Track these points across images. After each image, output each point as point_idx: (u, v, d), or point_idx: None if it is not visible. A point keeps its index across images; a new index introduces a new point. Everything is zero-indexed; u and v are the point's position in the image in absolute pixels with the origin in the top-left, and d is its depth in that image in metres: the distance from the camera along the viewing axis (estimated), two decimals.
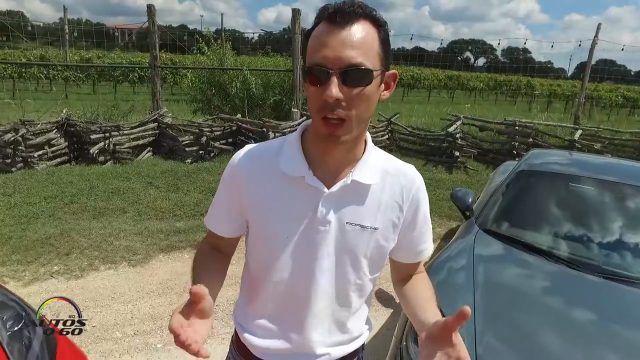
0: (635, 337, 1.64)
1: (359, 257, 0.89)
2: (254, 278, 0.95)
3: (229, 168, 0.92)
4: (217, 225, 0.96)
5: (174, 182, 5.17)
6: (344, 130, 0.77)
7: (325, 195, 0.85)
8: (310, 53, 0.77)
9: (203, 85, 7.59)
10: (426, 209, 0.96)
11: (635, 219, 2.30)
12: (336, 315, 0.94)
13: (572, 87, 24.77)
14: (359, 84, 0.75)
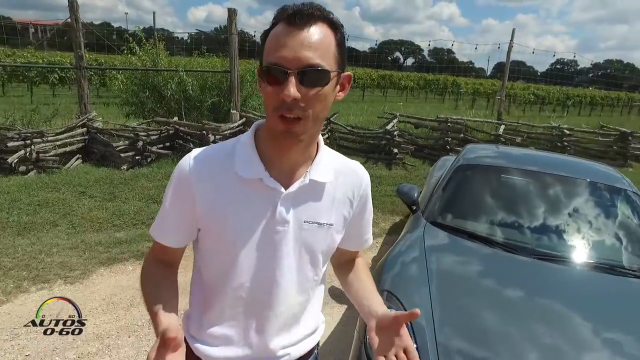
0: (560, 308, 1.83)
1: (316, 253, 0.92)
2: (210, 286, 0.92)
3: (177, 175, 0.88)
4: (167, 236, 0.92)
5: (110, 191, 4.85)
6: (300, 128, 0.78)
7: (284, 196, 0.86)
8: (268, 53, 0.77)
9: (136, 87, 7.19)
10: (371, 202, 1.04)
11: (560, 204, 2.56)
12: (296, 313, 0.95)
13: (492, 86, 26.84)
14: (317, 84, 0.76)
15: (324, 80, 0.77)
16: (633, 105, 28.90)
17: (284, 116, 0.77)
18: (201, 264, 0.94)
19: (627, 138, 8.99)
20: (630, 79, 38.97)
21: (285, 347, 0.96)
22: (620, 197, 2.65)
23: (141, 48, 7.52)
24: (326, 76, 0.77)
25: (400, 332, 0.86)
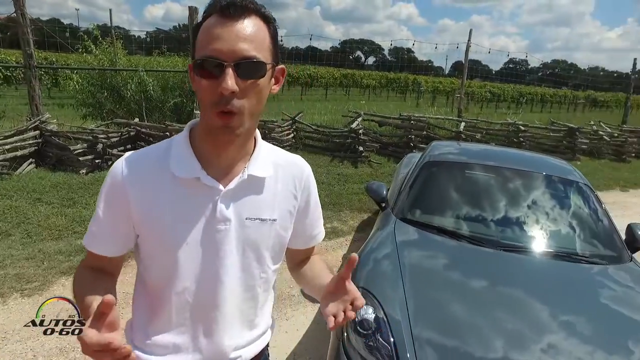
0: (522, 296, 1.95)
1: (261, 250, 0.90)
2: (153, 293, 0.89)
3: (109, 180, 0.84)
4: (103, 246, 0.87)
5: (69, 196, 4.62)
6: (237, 122, 0.77)
7: (223, 193, 0.84)
8: (201, 46, 0.76)
9: (93, 87, 6.87)
10: (316, 194, 1.02)
11: (520, 198, 2.71)
12: (245, 313, 0.93)
13: (451, 84, 27.76)
14: (253, 76, 0.76)
15: (261, 72, 0.77)
16: (577, 103, 30.76)
17: (221, 112, 0.75)
18: (143, 271, 0.90)
19: (574, 133, 9.58)
20: (574, 78, 41.49)
21: (237, 349, 0.93)
22: (573, 189, 2.83)
23: (97, 47, 7.20)
24: (263, 68, 0.77)
25: (348, 289, 0.83)
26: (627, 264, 2.30)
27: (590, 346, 1.65)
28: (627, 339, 1.72)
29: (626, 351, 1.65)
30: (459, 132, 8.44)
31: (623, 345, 1.68)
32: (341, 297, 0.84)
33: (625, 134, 10.85)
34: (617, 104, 31.06)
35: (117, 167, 0.84)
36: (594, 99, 32.23)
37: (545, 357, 1.56)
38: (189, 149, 0.85)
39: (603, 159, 10.04)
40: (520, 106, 24.85)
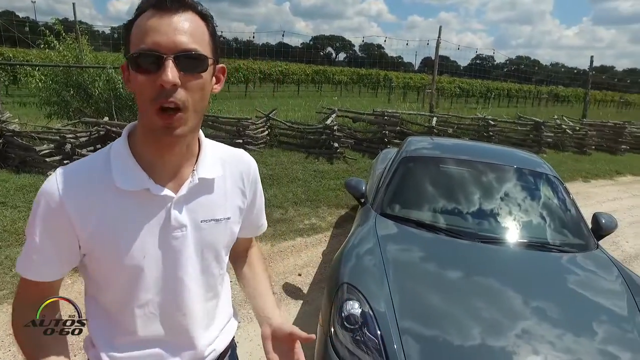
0: (498, 286, 2.03)
1: (219, 250, 0.91)
2: (112, 312, 0.85)
3: (43, 201, 0.76)
4: (46, 272, 0.81)
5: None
6: (180, 121, 0.73)
7: (175, 200, 0.81)
8: (137, 40, 0.72)
9: (57, 85, 6.58)
10: (261, 187, 1.03)
11: (495, 190, 2.80)
12: (208, 310, 0.94)
13: (421, 80, 28.24)
14: (195, 69, 0.73)
15: (202, 66, 0.74)
16: (541, 98, 31.97)
17: (162, 109, 0.71)
18: (96, 290, 0.86)
19: (540, 127, 9.97)
20: (538, 73, 43.08)
21: (209, 344, 0.94)
22: (544, 181, 2.96)
23: (61, 42, 6.89)
24: (205, 61, 0.74)
25: (294, 348, 0.90)
26: (593, 252, 2.44)
27: (560, 329, 1.73)
28: (591, 321, 1.83)
29: (591, 332, 1.76)
30: (432, 127, 8.61)
31: (588, 327, 1.79)
32: (285, 351, 0.91)
33: (586, 127, 11.39)
34: (576, 99, 32.49)
35: (50, 186, 0.76)
36: (556, 94, 33.59)
37: (520, 342, 1.64)
38: (130, 157, 0.79)
39: (566, 151, 10.51)
40: (489, 102, 25.59)
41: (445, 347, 1.62)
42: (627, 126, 11.86)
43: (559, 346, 1.64)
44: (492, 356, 1.59)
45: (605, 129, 11.84)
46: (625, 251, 4.77)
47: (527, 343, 1.64)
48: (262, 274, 1.09)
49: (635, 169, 9.77)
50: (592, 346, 1.68)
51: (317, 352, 1.81)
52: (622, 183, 8.50)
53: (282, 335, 0.91)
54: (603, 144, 11.53)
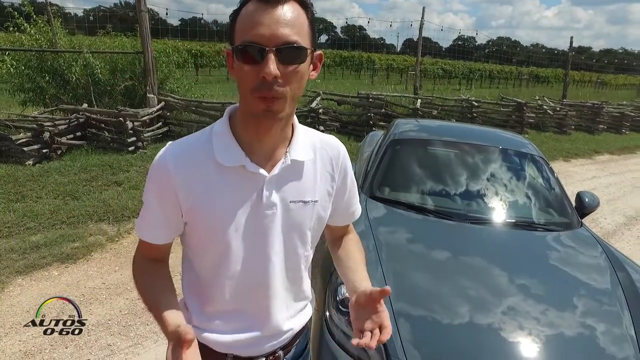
0: (484, 264, 2.07)
1: (305, 231, 0.94)
2: (204, 277, 0.92)
3: (155, 173, 0.86)
4: (155, 235, 0.91)
5: (17, 190, 4.30)
6: (280, 106, 0.78)
7: (268, 179, 0.86)
8: (241, 32, 0.76)
9: (31, 71, 6.32)
10: (352, 173, 1.05)
11: (483, 171, 2.83)
12: (290, 289, 0.98)
13: (404, 61, 28.16)
14: (295, 61, 0.76)
15: (302, 57, 0.77)
16: (522, 78, 32.31)
17: (263, 97, 0.76)
18: (192, 257, 0.93)
19: (522, 108, 10.10)
20: (518, 54, 43.38)
21: (289, 321, 0.99)
22: (528, 161, 3.01)
23: (31, 25, 6.58)
24: (303, 53, 0.77)
25: (377, 309, 0.89)
26: (577, 230, 2.50)
27: (544, 305, 1.79)
28: (575, 296, 1.90)
29: (572, 306, 1.82)
30: (416, 109, 8.64)
31: (571, 302, 1.85)
32: (370, 314, 0.89)
33: (566, 107, 11.59)
34: (556, 79, 32.95)
35: (161, 158, 0.85)
36: (536, 74, 33.98)
37: (506, 319, 1.69)
38: (230, 136, 0.86)
39: (547, 131, 10.71)
40: (471, 83, 25.75)
41: (436, 326, 1.66)
42: (605, 106, 12.14)
43: (543, 321, 1.69)
44: (480, 333, 1.64)
45: (584, 109, 12.09)
46: (604, 227, 4.93)
47: (512, 319, 1.69)
48: (355, 252, 1.11)
49: (612, 148, 10.05)
50: (574, 319, 1.74)
51: (312, 336, 1.83)
52: (600, 162, 8.74)
53: (362, 299, 0.91)
54: (582, 123, 11.79)
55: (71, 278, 3.07)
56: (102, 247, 3.53)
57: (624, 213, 5.51)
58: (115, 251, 3.51)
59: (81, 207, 4.08)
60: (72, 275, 3.11)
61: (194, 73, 18.22)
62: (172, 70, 7.54)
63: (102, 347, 2.39)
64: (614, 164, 8.65)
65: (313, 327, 1.85)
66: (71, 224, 3.80)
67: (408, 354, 1.54)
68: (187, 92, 7.91)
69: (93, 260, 3.34)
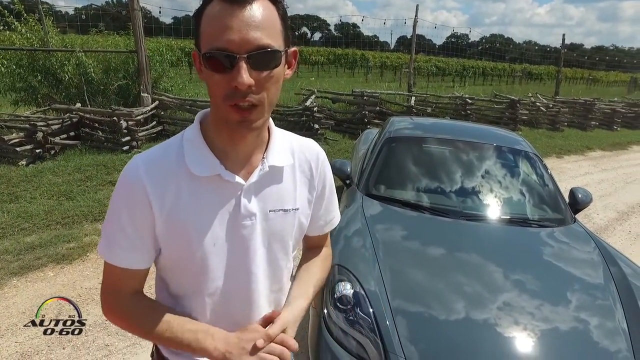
0: (479, 260, 2.09)
1: (287, 240, 0.89)
2: (181, 298, 0.86)
3: (127, 186, 0.78)
4: (131, 258, 0.80)
5: (10, 190, 4.27)
6: (256, 115, 0.73)
7: (246, 188, 0.81)
8: (208, 36, 0.70)
9: (22, 70, 6.25)
10: (332, 178, 0.99)
11: (478, 169, 2.86)
12: (274, 303, 0.93)
13: (398, 59, 28.23)
14: (268, 66, 0.71)
15: (276, 61, 0.72)
16: (515, 75, 32.49)
17: (237, 105, 0.71)
18: (166, 277, 0.87)
19: (516, 105, 10.16)
20: (511, 51, 43.59)
21: None
22: (522, 158, 3.03)
23: (22, 24, 6.51)
24: (277, 56, 0.72)
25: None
26: (571, 226, 2.54)
27: (539, 300, 1.81)
28: (568, 291, 1.92)
29: (566, 301, 1.85)
30: (411, 106, 8.66)
31: (565, 297, 1.88)
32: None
33: (559, 104, 11.68)
34: (548, 77, 33.17)
35: (133, 169, 0.78)
36: (529, 71, 34.19)
37: (501, 314, 1.71)
38: (203, 144, 0.80)
39: (540, 128, 10.79)
40: (465, 80, 25.84)
41: (433, 322, 1.68)
42: (597, 103, 12.25)
43: (538, 316, 1.71)
44: (476, 329, 1.65)
45: (577, 105, 12.19)
46: (596, 223, 4.99)
47: (508, 315, 1.71)
48: (314, 269, 1.02)
49: (604, 144, 10.16)
50: (568, 314, 1.76)
51: (311, 333, 1.84)
52: (592, 158, 8.82)
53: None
54: (574, 120, 11.89)
55: (67, 278, 3.05)
56: None
57: (616, 208, 5.58)
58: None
59: (76, 207, 4.06)
60: (68, 275, 3.09)
61: (188, 72, 18.11)
62: (165, 69, 7.51)
63: (100, 348, 2.39)
64: (606, 160, 8.74)
65: (311, 324, 1.87)
66: (66, 224, 3.78)
67: (405, 349, 1.56)
68: (181, 91, 7.88)
69: (89, 261, 3.33)
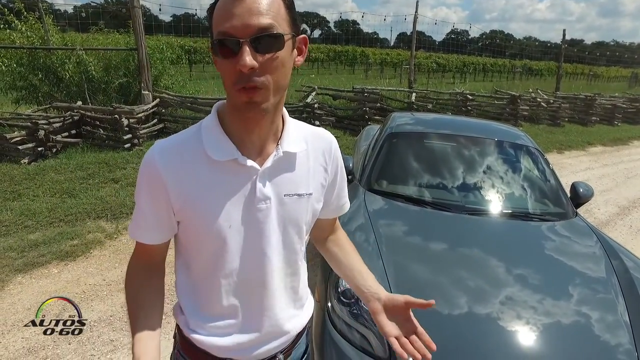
0: (482, 255, 2.10)
1: (300, 225, 0.91)
2: (199, 277, 0.90)
3: (145, 171, 0.83)
4: (149, 235, 0.88)
5: (13, 188, 4.29)
6: (262, 96, 0.75)
7: (261, 172, 0.84)
8: (216, 25, 0.74)
9: (23, 69, 6.25)
10: (343, 166, 1.04)
11: (479, 164, 2.86)
12: (288, 287, 0.95)
13: (398, 56, 28.17)
14: (271, 49, 0.73)
15: (279, 44, 0.74)
16: (515, 71, 32.44)
17: (244, 88, 0.74)
18: (187, 256, 0.91)
19: (516, 101, 10.15)
20: (511, 47, 43.48)
21: (289, 321, 0.96)
22: (524, 153, 3.04)
23: (22, 22, 6.50)
24: (280, 40, 0.74)
25: (409, 316, 0.90)
26: (572, 220, 2.54)
27: (541, 295, 1.82)
28: (571, 285, 1.93)
29: (568, 295, 1.85)
30: (411, 102, 8.66)
31: (566, 291, 1.88)
32: (401, 321, 0.91)
33: (559, 100, 11.67)
34: (549, 72, 33.10)
35: (150, 157, 0.83)
36: (530, 67, 34.13)
37: (504, 308, 1.72)
38: (220, 131, 0.84)
39: (541, 124, 10.78)
40: (465, 76, 25.79)
41: (436, 316, 1.68)
42: (597, 98, 12.23)
43: (540, 310, 1.72)
44: (479, 323, 1.66)
45: (577, 101, 12.18)
46: (598, 218, 5.00)
47: (510, 309, 1.71)
48: (353, 252, 1.10)
49: (605, 140, 10.16)
50: (571, 308, 1.77)
51: (315, 327, 1.85)
52: (593, 153, 8.83)
53: (395, 306, 0.91)
54: (575, 116, 11.88)
55: (71, 275, 3.07)
56: (101, 244, 3.53)
57: (617, 203, 5.59)
58: (115, 248, 3.51)
59: (79, 204, 4.08)
60: (72, 272, 3.11)
61: (188, 69, 18.11)
62: (166, 67, 7.51)
63: (105, 343, 2.41)
64: (607, 155, 8.75)
65: (315, 318, 1.87)
66: (69, 221, 3.80)
67: None
68: (182, 88, 7.88)
69: (92, 258, 3.35)
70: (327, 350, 1.70)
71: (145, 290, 0.90)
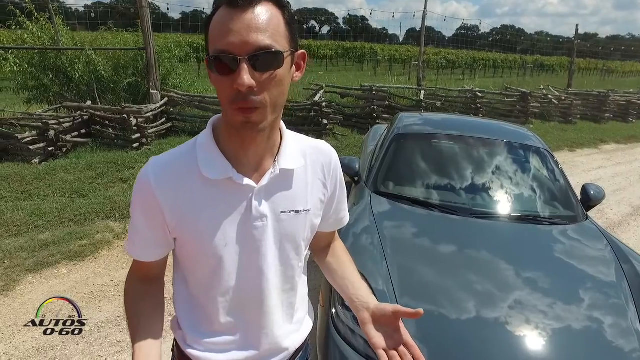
0: (490, 258, 2.07)
1: (298, 241, 0.90)
2: (197, 294, 0.89)
3: (139, 189, 0.82)
4: (145, 252, 0.87)
5: (24, 188, 4.35)
6: (259, 116, 0.74)
7: (257, 190, 0.83)
8: (213, 41, 0.72)
9: (34, 69, 6.33)
10: (342, 179, 1.01)
11: (488, 166, 2.82)
12: (286, 303, 0.94)
13: (407, 52, 27.95)
14: (270, 67, 0.72)
15: (278, 62, 0.72)
16: (527, 67, 32.00)
17: (241, 108, 0.72)
18: (185, 272, 0.90)
19: (527, 98, 10.01)
20: (522, 43, 42.89)
21: (287, 338, 0.95)
22: (533, 154, 2.99)
23: (33, 23, 6.57)
24: (279, 58, 0.72)
25: (398, 327, 0.87)
26: (583, 223, 2.50)
27: (551, 299, 1.79)
28: (581, 290, 1.90)
29: (579, 300, 1.83)
30: (420, 100, 8.60)
31: (576, 295, 1.85)
32: (390, 332, 0.88)
33: (571, 97, 11.48)
34: (561, 68, 32.61)
35: (144, 175, 0.81)
36: (541, 63, 33.65)
37: (513, 313, 1.69)
38: (215, 148, 0.82)
39: (552, 121, 10.62)
40: (475, 73, 25.50)
41: (443, 320, 1.67)
42: (611, 95, 12.01)
43: (549, 315, 1.69)
44: (486, 327, 1.64)
45: (590, 98, 11.97)
46: (610, 218, 4.91)
47: (519, 313, 1.69)
48: (348, 262, 1.09)
49: (619, 137, 9.97)
50: (580, 313, 1.74)
51: (319, 332, 1.85)
52: (606, 151, 8.67)
53: (383, 316, 0.89)
54: (588, 113, 11.68)
55: (80, 276, 3.11)
56: (110, 245, 3.56)
57: (631, 203, 5.48)
58: (123, 248, 3.54)
59: (88, 204, 4.12)
60: (81, 272, 3.15)
61: (197, 68, 18.18)
62: (174, 66, 7.55)
63: (113, 344, 2.43)
64: (620, 153, 8.59)
65: (319, 323, 1.87)
66: (78, 221, 3.84)
67: None
68: (190, 87, 7.92)
69: (101, 258, 3.38)
70: (331, 356, 1.69)
71: (144, 301, 0.90)
